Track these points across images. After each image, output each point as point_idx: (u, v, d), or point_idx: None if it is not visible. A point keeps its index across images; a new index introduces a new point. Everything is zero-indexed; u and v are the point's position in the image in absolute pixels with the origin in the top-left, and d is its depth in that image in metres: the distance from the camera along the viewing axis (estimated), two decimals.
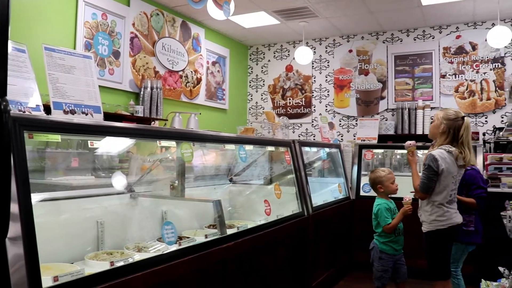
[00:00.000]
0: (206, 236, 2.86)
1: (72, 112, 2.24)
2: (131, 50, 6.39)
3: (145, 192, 3.26)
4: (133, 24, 6.42)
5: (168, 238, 2.55)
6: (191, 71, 7.63)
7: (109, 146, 2.72)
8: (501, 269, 2.80)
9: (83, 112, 2.30)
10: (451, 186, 3.40)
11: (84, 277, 1.96)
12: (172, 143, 2.83)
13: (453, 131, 3.42)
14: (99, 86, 2.67)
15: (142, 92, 6.36)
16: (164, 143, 2.81)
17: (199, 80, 7.83)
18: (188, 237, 2.86)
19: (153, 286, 2.32)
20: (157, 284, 2.35)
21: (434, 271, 3.47)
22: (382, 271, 4.02)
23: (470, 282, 3.93)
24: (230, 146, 3.56)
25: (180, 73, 7.36)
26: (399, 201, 4.04)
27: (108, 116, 5.24)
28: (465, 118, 3.43)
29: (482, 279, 3.11)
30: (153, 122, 6.18)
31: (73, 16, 5.56)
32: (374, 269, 4.09)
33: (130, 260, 2.26)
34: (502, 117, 7.50)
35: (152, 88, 6.42)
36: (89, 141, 2.35)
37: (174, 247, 2.58)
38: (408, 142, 3.85)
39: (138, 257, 2.40)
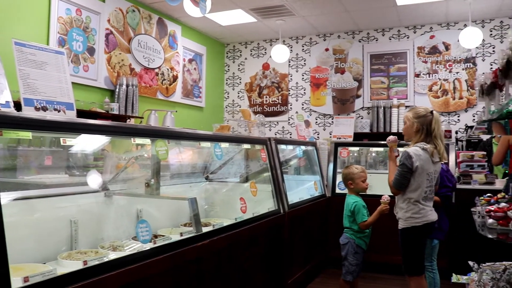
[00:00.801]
0: (181, 234, 2.84)
1: (44, 109, 2.19)
2: (106, 47, 6.31)
3: (120, 190, 3.22)
4: (108, 21, 6.34)
5: (143, 236, 2.52)
6: (168, 69, 7.58)
7: (83, 143, 2.68)
8: (470, 263, 2.86)
9: (55, 109, 2.26)
10: (426, 183, 3.42)
11: (56, 277, 1.93)
12: (147, 141, 2.80)
13: (426, 127, 3.44)
14: (73, 83, 2.63)
15: (117, 90, 6.29)
16: (139, 140, 2.77)
17: (175, 78, 7.78)
18: (163, 236, 2.84)
19: (127, 285, 2.30)
20: (132, 283, 2.33)
21: (409, 267, 3.53)
22: (355, 265, 4.12)
23: (443, 276, 4.00)
24: (206, 144, 3.55)
25: (156, 70, 7.30)
26: (371, 199, 4.10)
27: (82, 114, 5.17)
28: (434, 112, 3.47)
29: (453, 273, 3.17)
30: (128, 120, 6.12)
31: (46, 11, 5.46)
32: (348, 263, 4.16)
33: (104, 259, 2.23)
34: (474, 116, 7.66)
35: (127, 86, 6.36)
36: (61, 139, 2.30)
37: (149, 246, 2.56)
38: (390, 138, 3.86)
39: (112, 256, 2.37)
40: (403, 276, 3.70)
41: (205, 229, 3.09)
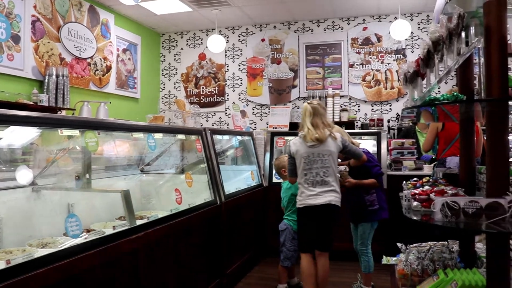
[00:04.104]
0: (114, 228, 2.79)
1: None
2: (33, 35, 6.01)
3: (49, 184, 3.10)
4: (35, 7, 6.03)
5: (73, 231, 2.45)
6: (100, 59, 7.34)
7: (8, 136, 2.55)
8: (399, 245, 3.00)
9: None
10: (303, 166, 3.77)
11: None
12: (76, 132, 2.70)
13: (301, 118, 3.94)
14: None
15: (46, 80, 6.01)
16: (67, 132, 2.67)
17: (108, 68, 7.55)
18: (95, 230, 2.77)
19: (59, 282, 2.23)
20: (64, 279, 2.27)
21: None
22: (293, 251, 4.24)
23: (376, 259, 4.16)
24: (139, 135, 3.48)
25: (88, 60, 7.05)
26: None
27: (8, 105, 4.92)
28: (305, 104, 3.92)
29: (384, 256, 3.31)
30: (59, 112, 5.88)
31: None
32: (286, 249, 4.26)
33: (30, 257, 2.14)
34: (404, 105, 7.97)
35: (57, 76, 6.09)
36: None
37: (79, 240, 2.49)
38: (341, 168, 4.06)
39: (39, 253, 2.27)
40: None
41: (139, 222, 3.05)
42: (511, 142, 6.03)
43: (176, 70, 9.31)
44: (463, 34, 2.08)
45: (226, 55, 8.96)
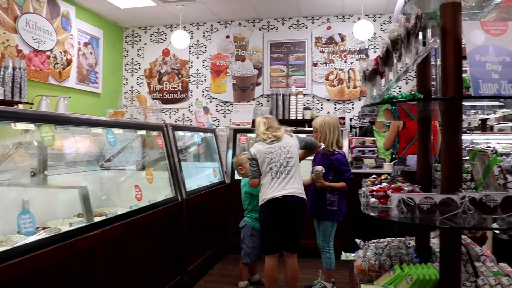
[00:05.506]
0: (70, 225, 2.72)
1: None
2: None
3: (3, 181, 2.99)
4: None
5: (26, 228, 2.37)
6: (61, 52, 7.16)
7: None
8: (357, 241, 3.04)
9: None
10: (268, 161, 3.82)
11: None
12: (31, 126, 2.62)
13: None
14: None
15: (2, 73, 5.80)
16: (22, 126, 2.58)
17: (69, 62, 7.38)
18: (50, 227, 2.69)
19: (12, 280, 2.17)
20: (16, 277, 2.20)
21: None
22: (252, 247, 4.25)
23: (337, 256, 4.21)
24: (98, 130, 3.40)
25: (48, 53, 6.86)
26: None
27: None
28: (257, 117, 4.16)
29: (343, 252, 3.35)
30: (16, 106, 5.70)
31: None
32: (245, 246, 4.28)
33: None
34: (364, 103, 8.10)
35: (14, 69, 5.89)
36: None
37: (33, 238, 2.42)
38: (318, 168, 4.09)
39: None
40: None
41: (97, 219, 2.99)
42: (465, 142, 6.23)
43: (139, 65, 9.18)
44: (420, 34, 2.13)
45: (190, 51, 8.90)
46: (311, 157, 4.42)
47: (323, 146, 4.29)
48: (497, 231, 3.69)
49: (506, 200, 1.94)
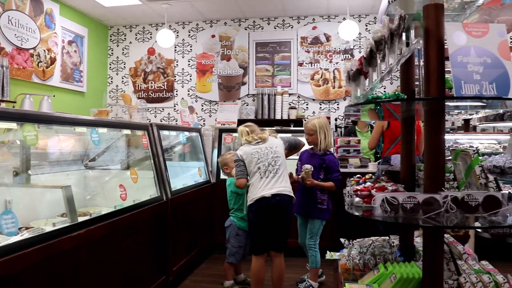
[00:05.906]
0: (54, 225, 2.70)
1: None
2: None
3: None
4: None
5: (8, 229, 2.34)
6: (44, 50, 7.08)
7: None
8: (342, 240, 3.06)
9: None
10: (256, 161, 3.82)
11: None
12: (13, 125, 2.59)
13: None
14: None
15: None
16: (4, 125, 2.55)
17: (53, 60, 7.30)
18: (33, 227, 2.67)
19: None
20: None
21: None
22: (238, 247, 4.26)
23: (321, 255, 4.23)
24: (82, 129, 3.38)
25: (31, 51, 6.78)
26: None
27: None
28: (239, 127, 4.17)
29: (328, 251, 3.36)
30: None
31: None
32: (230, 245, 4.28)
33: None
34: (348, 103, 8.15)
35: None
36: None
37: (16, 238, 2.39)
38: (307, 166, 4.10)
39: None
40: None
41: (81, 218, 2.97)
42: (449, 141, 6.28)
43: (124, 64, 9.12)
44: (404, 35, 2.14)
45: (175, 50, 8.87)
46: (296, 156, 4.47)
47: (309, 146, 4.33)
48: (479, 230, 3.73)
49: (488, 199, 1.97)
